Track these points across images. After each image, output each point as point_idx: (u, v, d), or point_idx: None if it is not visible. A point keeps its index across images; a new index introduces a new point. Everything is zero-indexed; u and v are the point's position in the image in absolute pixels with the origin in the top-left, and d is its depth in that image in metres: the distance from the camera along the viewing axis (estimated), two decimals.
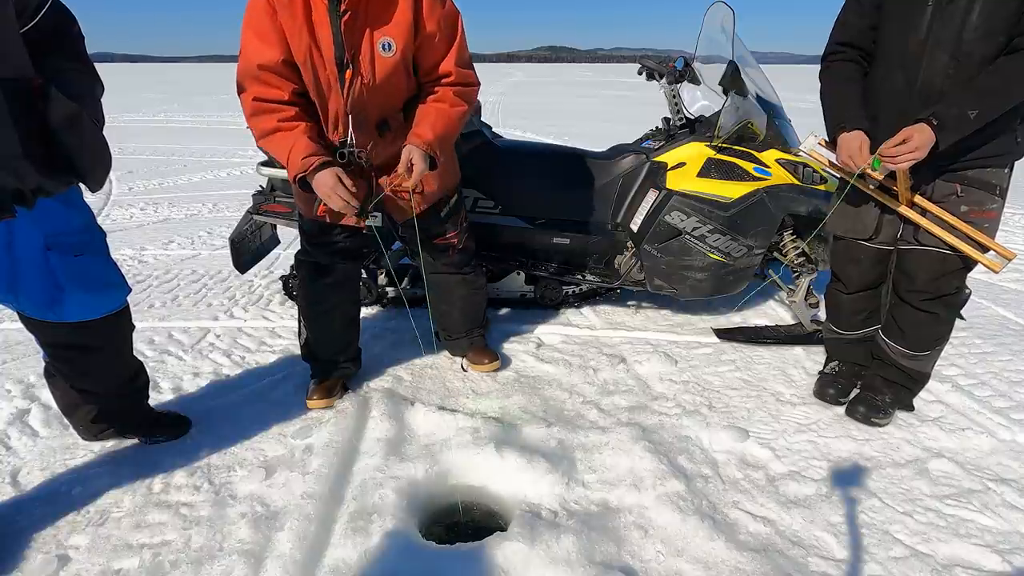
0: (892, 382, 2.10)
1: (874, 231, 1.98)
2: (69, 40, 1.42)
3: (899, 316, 2.01)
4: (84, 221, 1.61)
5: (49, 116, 1.27)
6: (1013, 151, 1.75)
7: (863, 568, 1.52)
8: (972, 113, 1.61)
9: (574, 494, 1.74)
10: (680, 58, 2.75)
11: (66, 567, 1.51)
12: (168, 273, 3.52)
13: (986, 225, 1.79)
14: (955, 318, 2.01)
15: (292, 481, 1.77)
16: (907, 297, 1.96)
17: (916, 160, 1.67)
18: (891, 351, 2.06)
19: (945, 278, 1.88)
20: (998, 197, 1.79)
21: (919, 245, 1.88)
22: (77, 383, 1.76)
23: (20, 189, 1.27)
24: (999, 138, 1.71)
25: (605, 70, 62.11)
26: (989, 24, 1.60)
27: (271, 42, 1.68)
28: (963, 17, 1.62)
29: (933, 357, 2.06)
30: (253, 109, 1.73)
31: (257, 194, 2.83)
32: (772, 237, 2.62)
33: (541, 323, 2.87)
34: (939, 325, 1.97)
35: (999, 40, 1.60)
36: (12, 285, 1.51)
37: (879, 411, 2.08)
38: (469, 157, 2.68)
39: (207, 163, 7.31)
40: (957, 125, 1.62)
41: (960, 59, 1.64)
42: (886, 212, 1.94)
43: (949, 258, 1.84)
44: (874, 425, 2.07)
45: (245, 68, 1.72)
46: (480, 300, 2.45)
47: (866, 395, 2.13)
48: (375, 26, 1.71)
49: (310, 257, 2.11)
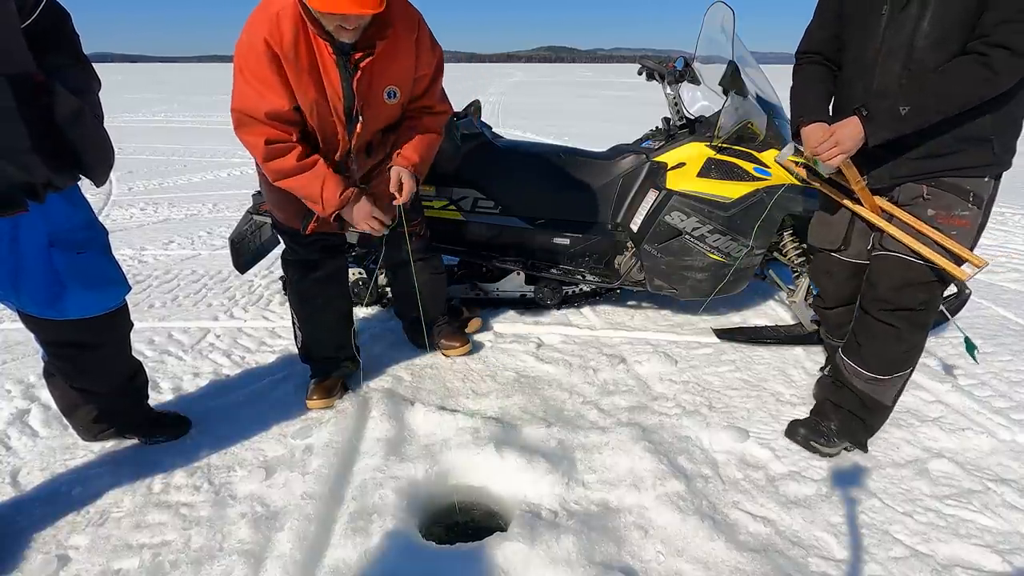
0: (840, 407, 1.93)
1: (843, 242, 1.91)
2: (65, 36, 1.43)
3: (858, 330, 1.86)
4: (86, 218, 1.61)
5: (55, 112, 1.28)
6: (992, 162, 1.63)
7: (863, 568, 1.52)
8: (904, 109, 1.53)
9: (574, 494, 1.74)
10: (680, 58, 2.76)
11: (66, 567, 1.51)
12: (168, 273, 3.53)
13: (954, 233, 1.65)
14: (919, 341, 1.80)
15: (292, 481, 1.77)
16: (867, 306, 1.82)
17: (843, 154, 1.61)
18: (846, 369, 1.90)
19: (909, 289, 1.73)
20: (971, 204, 1.65)
21: (883, 250, 1.76)
22: (76, 382, 1.76)
23: (31, 183, 1.28)
24: (972, 149, 1.60)
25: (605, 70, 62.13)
26: (940, 32, 1.53)
27: (277, 91, 1.67)
28: (914, 25, 1.56)
29: (892, 386, 1.86)
30: (267, 153, 1.72)
31: (257, 194, 2.83)
32: (772, 237, 2.62)
33: (541, 323, 2.87)
34: (898, 343, 1.78)
35: (952, 49, 1.53)
36: (14, 283, 1.51)
37: (821, 436, 1.93)
38: (469, 157, 2.68)
39: (207, 163, 7.31)
40: (886, 119, 1.56)
41: (911, 68, 1.58)
42: (857, 223, 1.87)
43: (914, 266, 1.69)
44: (814, 451, 1.92)
45: (249, 113, 1.68)
46: (441, 283, 2.55)
47: (811, 418, 2.00)
48: (381, 77, 1.79)
49: (297, 256, 2.14)
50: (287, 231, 2.10)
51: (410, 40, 1.80)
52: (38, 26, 1.34)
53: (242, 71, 1.67)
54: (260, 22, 1.62)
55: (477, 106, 2.93)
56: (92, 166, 1.40)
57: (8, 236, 1.46)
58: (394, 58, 1.78)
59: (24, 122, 1.23)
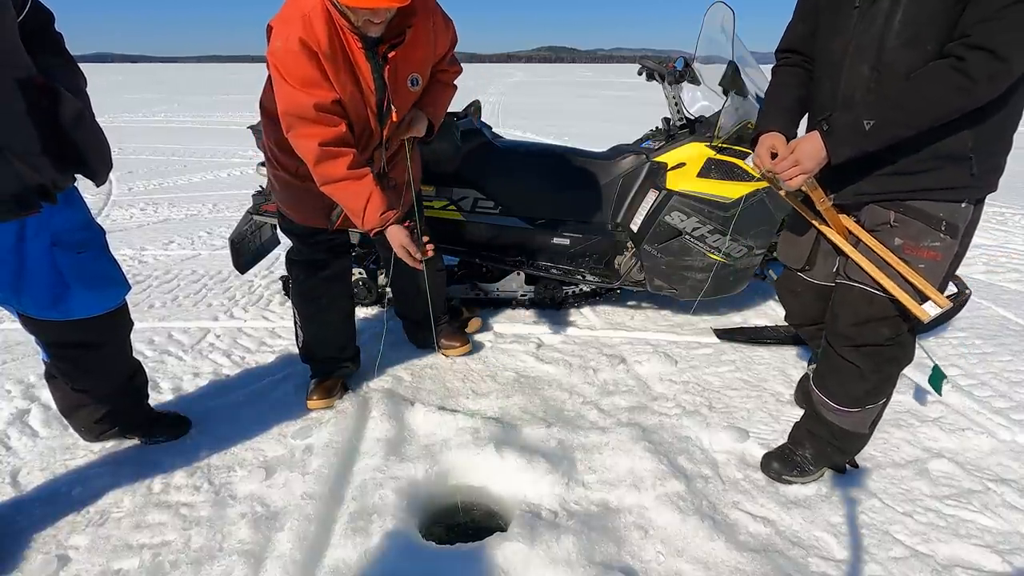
0: (815, 436, 1.79)
1: (807, 262, 1.78)
2: (51, 36, 1.44)
3: (823, 361, 1.73)
4: (84, 218, 1.61)
5: (59, 113, 1.28)
6: (969, 184, 1.41)
7: (863, 568, 1.52)
8: (867, 123, 1.34)
9: (574, 494, 1.74)
10: (680, 58, 2.76)
11: (66, 567, 1.51)
12: (168, 273, 3.53)
13: (921, 266, 1.47)
14: (889, 375, 1.65)
15: (292, 481, 1.77)
16: (831, 340, 1.68)
17: (803, 175, 1.45)
18: (816, 400, 1.77)
19: (871, 325, 1.57)
20: (943, 235, 1.45)
21: (847, 280, 1.60)
22: (78, 383, 1.76)
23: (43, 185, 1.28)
24: (946, 168, 1.40)
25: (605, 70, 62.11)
26: (912, 30, 1.33)
27: (322, 85, 1.67)
28: (884, 20, 1.36)
29: (866, 417, 1.71)
30: (320, 155, 1.70)
31: (257, 194, 2.83)
32: (772, 237, 2.62)
33: (541, 323, 2.87)
34: (862, 381, 1.63)
35: (926, 48, 1.32)
36: (16, 285, 1.51)
37: (794, 468, 1.81)
38: (469, 157, 2.68)
39: (207, 163, 7.31)
40: (848, 134, 1.38)
41: (881, 69, 1.39)
42: (823, 243, 1.72)
43: (877, 299, 1.53)
44: (787, 483, 1.81)
45: (298, 111, 1.67)
46: (441, 281, 2.57)
47: (785, 448, 1.88)
48: (406, 66, 1.82)
49: (303, 256, 2.14)
50: (296, 231, 2.09)
51: (428, 26, 1.82)
52: (26, 27, 1.34)
53: (283, 75, 1.65)
54: (292, 25, 1.62)
55: (477, 106, 2.93)
56: (95, 166, 1.41)
57: (14, 237, 1.46)
58: (416, 46, 1.80)
59: (34, 125, 1.24)
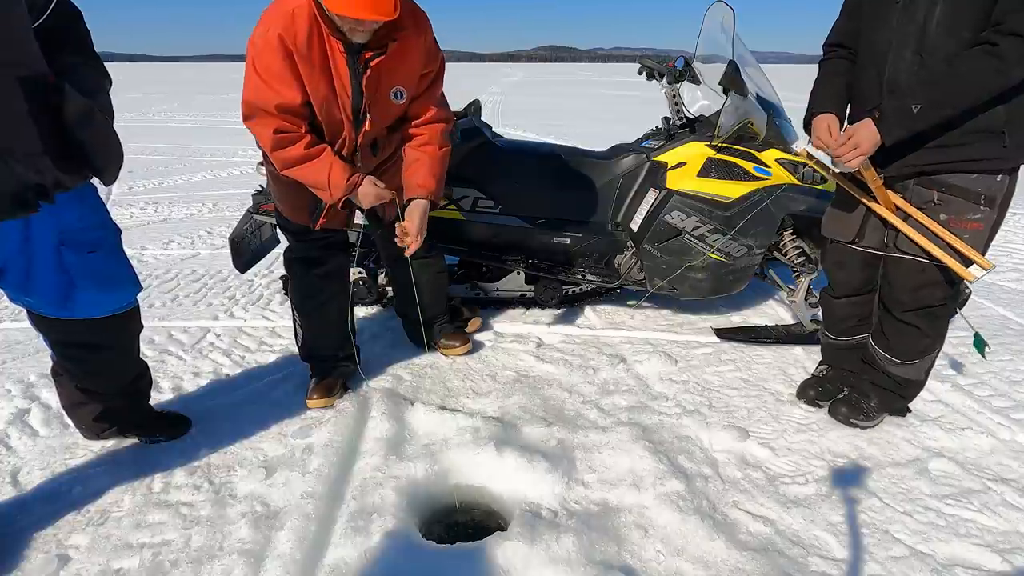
0: (880, 387, 2.05)
1: (857, 234, 1.94)
2: (77, 35, 1.43)
3: (884, 324, 1.96)
4: (99, 218, 1.62)
5: (64, 113, 1.28)
6: (1003, 156, 1.61)
7: (863, 568, 1.52)
8: (915, 107, 1.54)
9: (574, 494, 1.74)
10: (680, 58, 2.75)
11: (66, 567, 1.51)
12: (168, 273, 3.53)
13: (966, 236, 1.69)
14: (942, 328, 1.92)
15: (292, 481, 1.77)
16: (889, 306, 1.92)
17: (861, 156, 1.63)
18: (878, 357, 2.00)
19: (927, 289, 1.81)
20: (983, 207, 1.67)
21: (899, 253, 1.81)
22: (83, 383, 1.76)
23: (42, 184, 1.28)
24: (981, 142, 1.60)
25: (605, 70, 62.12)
26: (952, 18, 1.53)
27: (289, 85, 1.70)
28: (927, 11, 1.57)
29: (924, 365, 1.98)
30: (276, 142, 1.75)
31: (257, 194, 2.83)
32: (772, 237, 2.62)
33: (541, 323, 2.87)
34: (923, 338, 1.89)
35: (964, 35, 1.52)
36: (25, 284, 1.52)
37: (861, 413, 2.05)
38: (469, 157, 2.68)
39: (207, 163, 7.31)
40: (898, 118, 1.57)
41: (923, 55, 1.59)
42: (871, 218, 1.89)
43: (929, 268, 1.76)
44: (854, 426, 2.05)
45: (261, 103, 1.72)
46: (443, 282, 2.56)
47: (852, 396, 2.11)
48: (389, 77, 1.82)
49: (298, 252, 2.15)
50: (291, 228, 2.11)
51: (419, 42, 1.84)
52: (49, 25, 1.34)
53: (255, 65, 1.70)
54: (276, 18, 1.65)
55: (477, 106, 2.93)
56: (101, 166, 1.40)
57: (20, 236, 1.46)
58: (403, 59, 1.81)
59: (36, 125, 1.23)
